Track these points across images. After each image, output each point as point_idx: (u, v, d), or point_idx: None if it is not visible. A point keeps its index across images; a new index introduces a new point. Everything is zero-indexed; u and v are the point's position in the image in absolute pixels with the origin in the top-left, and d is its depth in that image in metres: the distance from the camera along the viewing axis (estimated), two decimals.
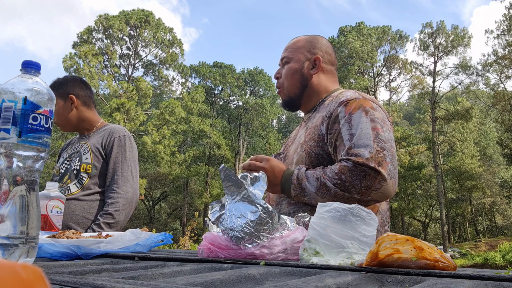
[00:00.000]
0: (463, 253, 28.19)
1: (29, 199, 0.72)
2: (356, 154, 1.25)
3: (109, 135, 2.11)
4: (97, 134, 2.16)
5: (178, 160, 30.89)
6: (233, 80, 36.02)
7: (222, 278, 0.55)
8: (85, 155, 2.06)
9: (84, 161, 2.04)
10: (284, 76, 1.60)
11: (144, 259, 0.86)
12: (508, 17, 28.86)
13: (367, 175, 1.22)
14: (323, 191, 1.27)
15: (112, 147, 2.08)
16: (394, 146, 1.33)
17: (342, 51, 32.63)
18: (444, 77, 33.95)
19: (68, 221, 1.92)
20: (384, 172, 1.22)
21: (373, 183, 1.22)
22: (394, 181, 1.26)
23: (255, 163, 1.39)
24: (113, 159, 2.06)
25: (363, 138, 1.27)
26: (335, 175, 1.25)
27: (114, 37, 31.24)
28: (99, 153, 2.07)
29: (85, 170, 2.02)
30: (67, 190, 2.00)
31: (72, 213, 1.94)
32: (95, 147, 2.08)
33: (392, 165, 1.26)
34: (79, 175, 2.02)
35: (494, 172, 36.77)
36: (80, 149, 2.10)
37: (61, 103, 2.14)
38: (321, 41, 1.63)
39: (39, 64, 0.78)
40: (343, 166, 1.25)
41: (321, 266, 0.72)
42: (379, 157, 1.23)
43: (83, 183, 2.01)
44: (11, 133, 0.71)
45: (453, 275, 0.61)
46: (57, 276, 0.54)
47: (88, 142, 2.10)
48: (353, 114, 1.34)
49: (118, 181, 2.02)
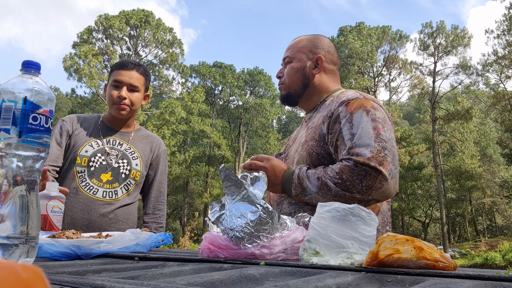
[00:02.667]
0: (463, 253, 28.19)
1: (29, 199, 0.72)
2: (357, 153, 1.24)
3: (157, 147, 2.10)
4: (140, 139, 2.07)
5: (178, 160, 30.90)
6: (233, 80, 36.01)
7: (222, 278, 0.55)
8: (134, 161, 1.99)
9: (134, 167, 1.98)
10: (286, 75, 1.60)
11: (144, 259, 0.86)
12: (508, 17, 28.86)
13: (368, 175, 1.21)
14: (324, 191, 1.27)
15: (159, 160, 2.10)
16: (395, 145, 1.33)
17: (342, 51, 32.62)
18: (444, 77, 33.97)
19: (110, 226, 1.87)
20: (385, 171, 1.22)
21: (374, 183, 1.22)
22: (395, 180, 1.26)
23: (256, 162, 1.39)
24: (160, 173, 2.09)
25: (364, 138, 1.27)
26: (336, 174, 1.25)
27: (114, 37, 31.24)
28: (148, 163, 2.05)
29: (134, 176, 1.98)
30: (114, 194, 1.92)
31: (116, 219, 1.90)
32: (144, 155, 2.04)
33: (393, 164, 1.26)
34: (127, 179, 1.96)
35: (494, 172, 36.77)
36: (124, 150, 1.99)
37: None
38: (323, 41, 1.63)
39: (39, 64, 0.78)
40: (344, 165, 1.25)
41: (321, 266, 0.72)
42: (380, 156, 1.23)
43: (129, 189, 1.96)
44: (11, 133, 0.71)
45: (453, 275, 0.61)
46: (57, 276, 0.54)
47: (135, 147, 2.03)
48: (354, 113, 1.34)
49: (164, 196, 2.12)
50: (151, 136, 2.15)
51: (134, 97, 1.97)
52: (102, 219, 1.87)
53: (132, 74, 1.95)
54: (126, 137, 2.04)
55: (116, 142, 2.00)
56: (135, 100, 1.97)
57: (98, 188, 1.89)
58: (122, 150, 1.99)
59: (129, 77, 1.94)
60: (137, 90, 1.97)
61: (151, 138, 2.13)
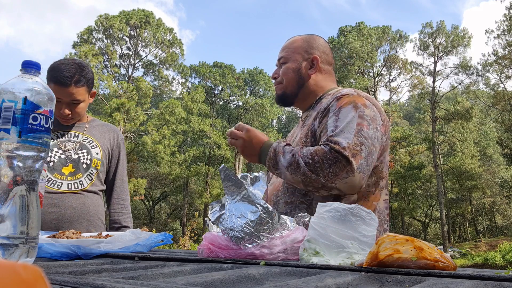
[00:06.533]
0: (463, 253, 28.19)
1: (29, 199, 0.72)
2: (335, 141, 1.27)
3: (115, 136, 2.08)
4: (96, 128, 2.05)
5: (178, 160, 30.90)
6: (233, 80, 36.01)
7: (222, 278, 0.55)
8: (94, 149, 1.97)
9: (94, 156, 1.95)
10: (282, 75, 1.60)
11: (144, 259, 0.86)
12: (508, 17, 28.86)
13: (337, 162, 1.23)
14: (294, 167, 1.29)
15: (120, 149, 2.09)
16: (376, 145, 1.33)
17: (342, 51, 32.62)
18: (444, 77, 33.95)
19: (81, 217, 1.86)
20: (355, 164, 1.23)
21: (340, 171, 1.23)
22: (363, 176, 1.26)
23: (235, 131, 1.43)
24: (121, 163, 2.09)
25: (346, 131, 1.29)
26: (310, 154, 1.28)
27: (114, 37, 31.23)
28: (107, 151, 2.04)
29: (95, 165, 1.95)
30: (80, 184, 1.90)
31: (86, 210, 1.89)
32: (103, 144, 2.02)
33: (366, 161, 1.27)
34: (89, 169, 1.94)
35: (494, 172, 36.76)
36: (82, 141, 1.96)
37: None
38: (318, 41, 1.63)
39: (39, 64, 0.78)
40: (320, 148, 1.28)
41: (321, 266, 0.72)
42: (355, 149, 1.25)
43: (92, 178, 1.95)
44: (11, 133, 0.71)
45: (453, 275, 0.61)
46: (57, 276, 0.54)
47: (92, 136, 2.00)
48: (343, 108, 1.36)
49: (127, 185, 2.11)
50: (107, 125, 2.13)
51: (78, 108, 1.89)
52: (72, 212, 1.84)
53: (70, 91, 1.81)
54: (80, 128, 2.00)
55: (71, 134, 1.97)
56: (79, 111, 1.91)
57: (62, 182, 1.86)
58: (79, 141, 1.96)
59: (68, 95, 1.82)
60: (80, 102, 1.88)
61: (108, 126, 2.11)
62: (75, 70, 1.83)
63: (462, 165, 32.47)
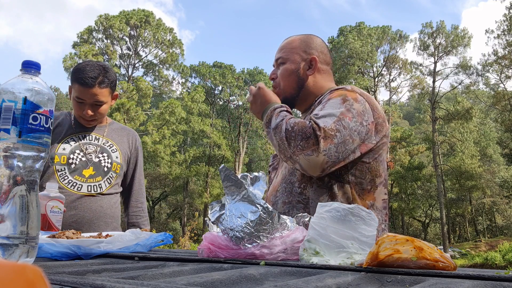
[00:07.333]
0: (463, 253, 28.19)
1: (29, 199, 0.72)
2: (315, 121, 1.30)
3: (133, 140, 2.11)
4: (115, 132, 2.06)
5: (178, 160, 30.91)
6: (233, 80, 36.00)
7: (222, 278, 0.55)
8: (114, 153, 1.99)
9: (114, 159, 1.98)
10: (280, 76, 1.59)
11: (144, 259, 0.86)
12: (509, 17, 28.86)
13: (309, 139, 1.26)
14: (277, 131, 1.34)
15: (138, 154, 2.12)
16: (355, 139, 1.32)
17: (342, 51, 32.62)
18: (444, 77, 33.95)
19: (99, 220, 1.88)
20: (322, 145, 1.25)
21: (307, 148, 1.26)
22: (327, 160, 1.27)
23: (251, 87, 1.53)
24: (139, 166, 2.12)
25: (327, 117, 1.31)
26: (293, 123, 1.31)
27: (114, 37, 31.24)
28: (126, 155, 2.06)
29: (115, 169, 1.97)
30: (99, 188, 1.92)
31: (104, 212, 1.91)
32: (122, 148, 2.04)
33: (336, 148, 1.27)
34: (109, 173, 1.96)
35: (494, 172, 36.75)
36: (102, 144, 1.98)
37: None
38: (316, 41, 1.62)
39: (39, 64, 0.78)
40: (304, 122, 1.31)
41: (321, 266, 0.72)
42: (329, 133, 1.27)
43: (111, 182, 1.96)
44: (11, 133, 0.71)
45: (453, 275, 0.61)
46: (57, 276, 0.54)
47: (112, 140, 2.02)
48: (332, 99, 1.38)
49: (144, 188, 2.16)
50: (125, 128, 2.15)
51: (101, 109, 1.91)
52: (90, 214, 1.87)
53: (94, 91, 1.83)
54: (100, 131, 2.02)
55: (92, 137, 1.98)
56: (102, 112, 1.92)
57: (82, 184, 1.88)
58: (100, 144, 1.98)
59: (91, 96, 1.84)
60: (103, 104, 1.90)
61: (126, 130, 2.14)
62: (99, 71, 1.85)
63: (462, 165, 32.47)
